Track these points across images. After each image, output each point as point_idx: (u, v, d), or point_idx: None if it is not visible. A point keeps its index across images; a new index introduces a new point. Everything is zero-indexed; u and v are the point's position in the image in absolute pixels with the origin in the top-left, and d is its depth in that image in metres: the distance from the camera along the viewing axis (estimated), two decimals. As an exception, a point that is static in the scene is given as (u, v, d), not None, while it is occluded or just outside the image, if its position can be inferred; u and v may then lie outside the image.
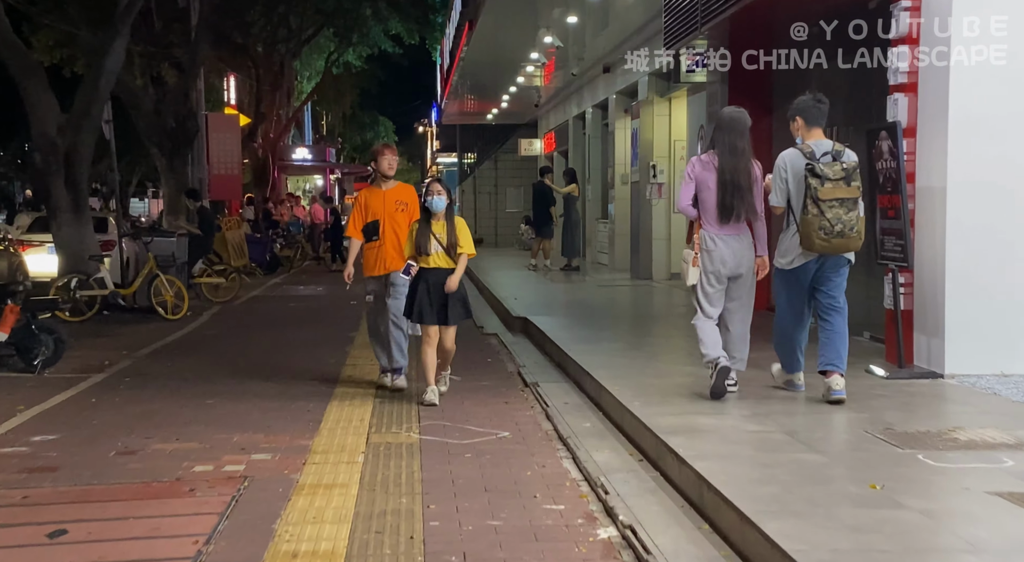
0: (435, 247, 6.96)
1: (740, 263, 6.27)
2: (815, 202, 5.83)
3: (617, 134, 18.43)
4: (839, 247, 5.95)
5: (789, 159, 6.13)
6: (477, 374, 8.59)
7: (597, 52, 18.31)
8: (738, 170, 6.18)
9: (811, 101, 6.21)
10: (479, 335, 11.26)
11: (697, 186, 6.28)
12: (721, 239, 6.23)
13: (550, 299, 13.73)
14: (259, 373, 8.70)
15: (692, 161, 6.48)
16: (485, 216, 31.68)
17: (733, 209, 6.16)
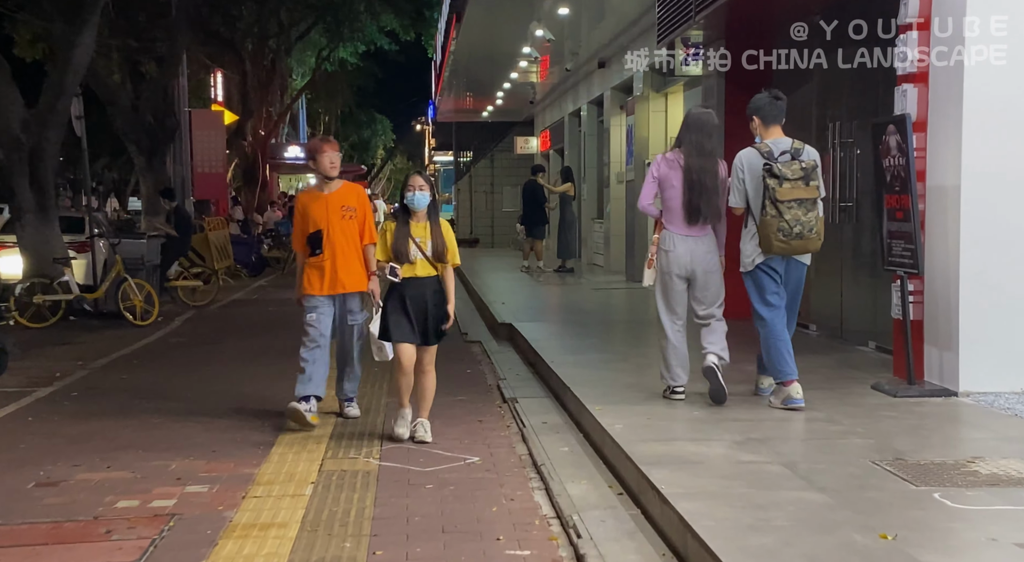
0: (415, 253, 5.82)
1: (699, 264, 6.14)
2: (773, 203, 5.73)
3: (613, 131, 17.82)
4: (798, 249, 5.86)
5: (746, 159, 6.00)
6: (454, 387, 7.97)
7: (592, 46, 17.69)
8: (705, 170, 6.07)
9: (768, 98, 6.09)
10: (462, 343, 10.65)
11: (661, 185, 6.19)
12: (683, 240, 6.12)
13: (540, 303, 13.13)
14: (219, 387, 8.10)
15: (657, 159, 6.34)
16: (481, 216, 31.10)
17: (700, 210, 6.05)
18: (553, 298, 13.93)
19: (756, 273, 6.04)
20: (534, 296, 14.13)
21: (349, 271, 6.50)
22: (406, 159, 71.61)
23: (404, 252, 5.82)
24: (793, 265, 6.05)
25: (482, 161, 31.31)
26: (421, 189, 5.82)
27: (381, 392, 7.74)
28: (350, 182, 6.94)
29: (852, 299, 8.83)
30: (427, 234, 5.86)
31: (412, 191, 5.83)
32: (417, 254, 5.84)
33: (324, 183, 6.56)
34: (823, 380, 6.95)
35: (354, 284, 6.54)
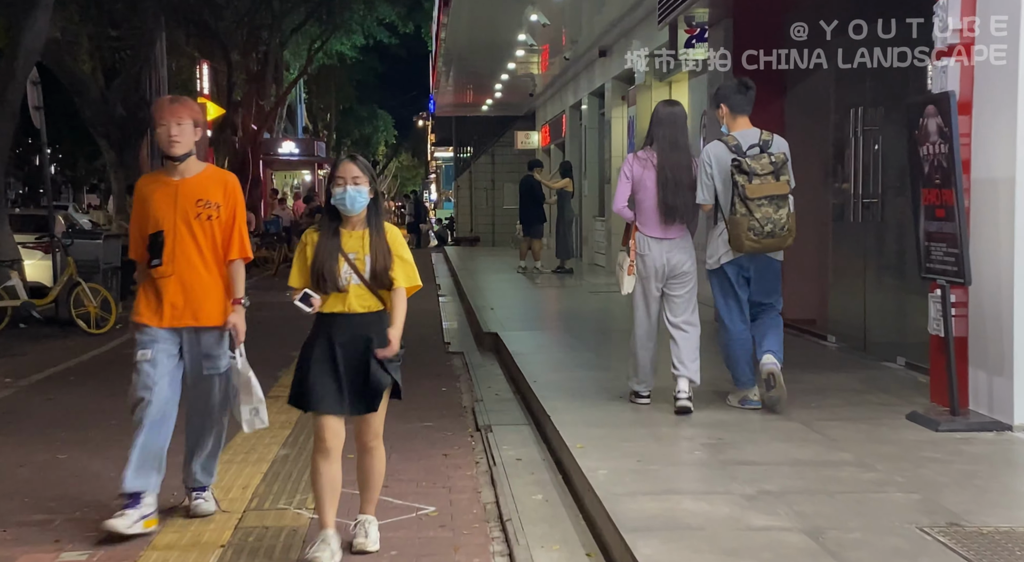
0: (348, 276, 3.96)
1: (676, 266, 5.84)
2: (743, 201, 5.47)
3: (614, 124, 16.80)
4: (770, 247, 5.59)
5: (714, 153, 5.71)
6: (423, 409, 6.97)
7: (592, 34, 16.67)
8: (679, 167, 5.79)
9: (737, 86, 5.85)
10: (442, 354, 9.65)
11: (634, 186, 5.86)
12: (658, 243, 5.82)
13: (532, 309, 12.12)
14: (156, 409, 7.09)
15: (628, 159, 6.01)
16: (482, 213, 30.13)
17: (675, 209, 5.77)
18: (547, 303, 12.92)
19: (722, 272, 5.80)
20: (527, 300, 13.13)
21: (202, 295, 4.49)
22: (410, 156, 70.63)
23: (330, 275, 3.92)
24: (765, 260, 5.74)
25: (482, 157, 30.33)
26: (356, 182, 3.91)
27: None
28: (219, 168, 5.00)
29: (877, 307, 7.80)
30: (365, 248, 3.98)
31: (342, 186, 3.92)
32: (350, 278, 3.95)
33: (172, 165, 4.47)
34: (847, 407, 5.94)
35: (209, 315, 4.51)
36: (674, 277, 5.85)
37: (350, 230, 4.00)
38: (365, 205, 3.98)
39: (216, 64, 23.77)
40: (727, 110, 5.81)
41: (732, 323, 5.86)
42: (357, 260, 3.96)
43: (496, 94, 25.54)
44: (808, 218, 9.53)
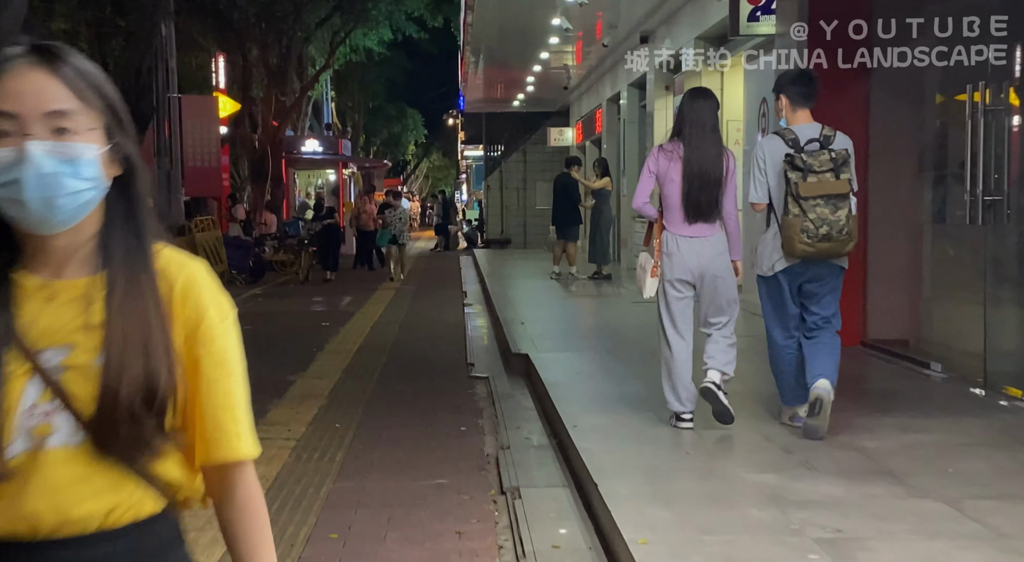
0: (37, 422, 1.30)
1: (707, 267, 5.32)
2: (796, 200, 5.02)
3: (657, 116, 15.32)
4: (825, 252, 5.08)
5: (768, 147, 5.28)
6: (437, 459, 5.61)
7: (632, 18, 15.20)
8: (708, 160, 5.32)
9: (798, 76, 5.47)
10: (464, 378, 8.27)
11: (659, 180, 5.43)
12: (686, 241, 5.35)
13: (567, 324, 10.68)
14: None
15: (653, 151, 5.54)
16: (513, 214, 28.73)
17: (702, 206, 5.31)
18: (584, 316, 11.48)
19: (774, 281, 5.27)
20: (561, 313, 11.69)
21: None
22: (441, 155, 69.41)
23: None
24: (825, 268, 5.16)
25: (514, 155, 28.93)
26: (57, 130, 1.30)
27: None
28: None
29: (1001, 331, 6.30)
30: (92, 329, 1.33)
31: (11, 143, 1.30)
32: (44, 428, 1.30)
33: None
34: (1001, 475, 4.46)
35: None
36: (706, 279, 5.35)
37: (48, 279, 1.37)
38: (92, 201, 1.36)
39: (233, 58, 22.51)
40: (787, 101, 5.31)
41: (779, 337, 5.34)
42: (70, 370, 1.32)
43: (528, 88, 24.12)
44: (896, 219, 8.06)
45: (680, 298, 5.40)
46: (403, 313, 13.08)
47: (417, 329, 11.45)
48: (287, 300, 15.25)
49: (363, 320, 12.26)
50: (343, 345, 10.13)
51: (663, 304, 5.45)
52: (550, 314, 11.44)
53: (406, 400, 7.35)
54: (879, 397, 6.40)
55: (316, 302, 14.78)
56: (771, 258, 5.23)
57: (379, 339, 10.59)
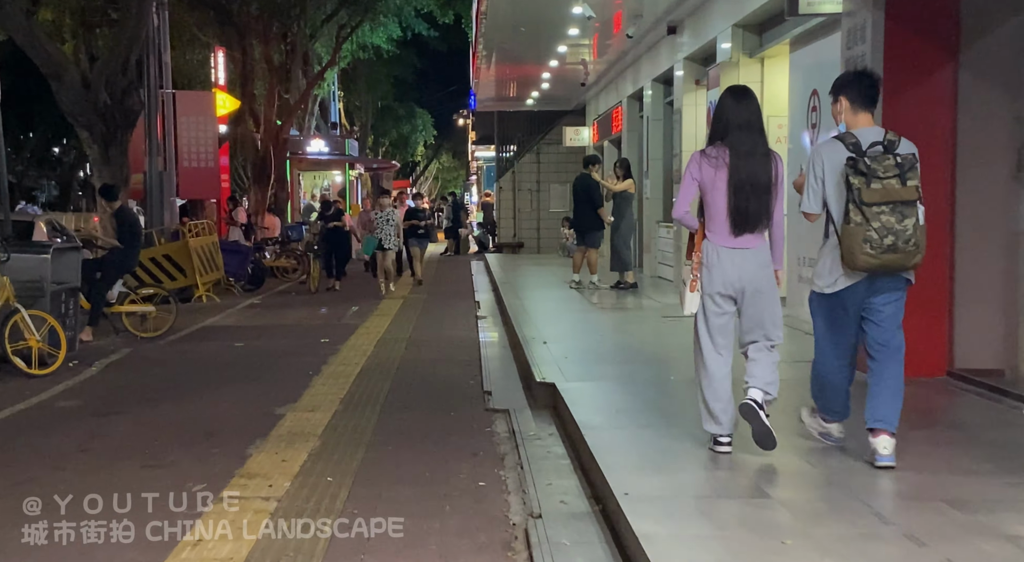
0: None
1: (750, 281, 4.98)
2: (858, 207, 4.60)
3: (686, 112, 14.16)
4: (891, 264, 4.64)
5: (827, 151, 4.88)
6: (449, 532, 4.50)
7: (659, 6, 14.03)
8: (757, 166, 4.93)
9: (859, 76, 5.02)
10: (480, 412, 7.12)
11: (702, 188, 5.06)
12: (727, 253, 4.98)
13: (595, 343, 9.51)
14: (61, 498, 4.65)
15: (695, 157, 5.14)
16: (526, 217, 27.61)
17: (749, 216, 4.93)
18: (613, 333, 10.30)
19: (834, 299, 4.91)
20: (587, 329, 10.52)
21: None
22: (451, 156, 68.21)
23: None
24: (889, 281, 4.79)
25: (527, 155, 27.78)
26: None
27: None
28: None
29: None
30: None
31: None
32: None
33: None
34: None
35: None
36: (748, 293, 5.00)
37: None
38: None
39: (234, 52, 21.41)
40: (847, 104, 4.93)
41: (831, 358, 5.00)
42: None
43: (543, 85, 22.97)
44: (989, 228, 6.85)
45: (720, 313, 5.05)
46: (410, 327, 11.95)
47: (426, 347, 10.30)
48: (286, 311, 14.12)
49: (366, 336, 11.12)
50: (343, 367, 8.99)
51: (701, 319, 5.10)
52: (574, 331, 10.30)
53: (413, 442, 6.20)
54: (966, 438, 5.32)
55: (317, 314, 13.65)
56: (832, 273, 4.85)
57: (383, 359, 9.45)
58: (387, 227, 16.29)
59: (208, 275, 15.51)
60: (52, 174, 52.33)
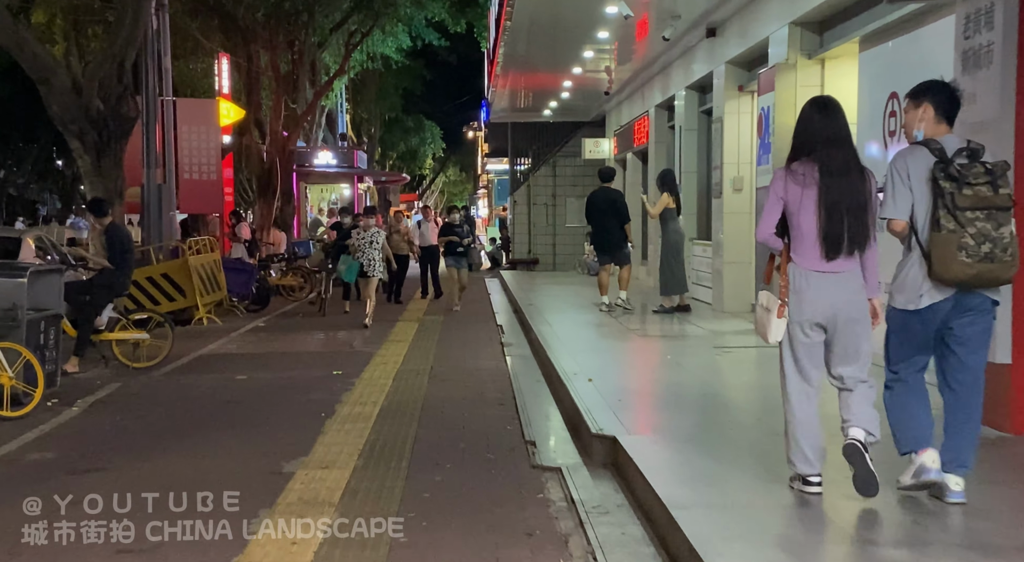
0: None
1: (842, 310, 4.58)
2: (951, 213, 4.31)
3: (728, 121, 13.07)
4: (986, 276, 4.32)
5: (911, 158, 4.50)
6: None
7: (698, 7, 12.95)
8: (850, 184, 4.56)
9: (948, 86, 4.68)
10: (526, 469, 5.98)
11: (787, 207, 4.66)
12: (816, 278, 4.60)
13: (649, 380, 8.36)
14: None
15: (779, 174, 4.70)
16: (541, 232, 26.54)
17: (843, 239, 4.55)
18: (665, 367, 9.12)
19: (917, 317, 4.48)
20: (633, 362, 9.39)
21: None
22: (458, 170, 67.20)
23: None
24: (976, 299, 4.40)
25: (542, 168, 26.70)
26: None
27: None
28: None
29: None
30: None
31: None
32: None
33: None
34: None
35: None
36: (840, 323, 4.64)
37: None
38: None
39: (239, 60, 20.35)
40: (932, 111, 4.61)
41: (907, 378, 4.62)
42: None
43: (562, 95, 21.91)
44: None
45: (808, 344, 4.69)
46: (430, 356, 10.82)
47: (451, 381, 9.17)
48: (293, 335, 12.99)
49: (383, 367, 10.00)
50: (360, 407, 7.87)
51: (787, 350, 4.74)
52: (618, 364, 9.18)
53: (452, 516, 5.05)
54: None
55: (327, 339, 12.51)
56: (918, 288, 4.48)
57: (405, 397, 8.33)
58: (369, 251, 13.94)
59: (209, 296, 14.41)
60: (54, 187, 51.39)
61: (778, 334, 4.73)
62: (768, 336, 4.76)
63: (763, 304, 4.81)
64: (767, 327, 4.74)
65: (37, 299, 8.08)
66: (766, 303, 4.79)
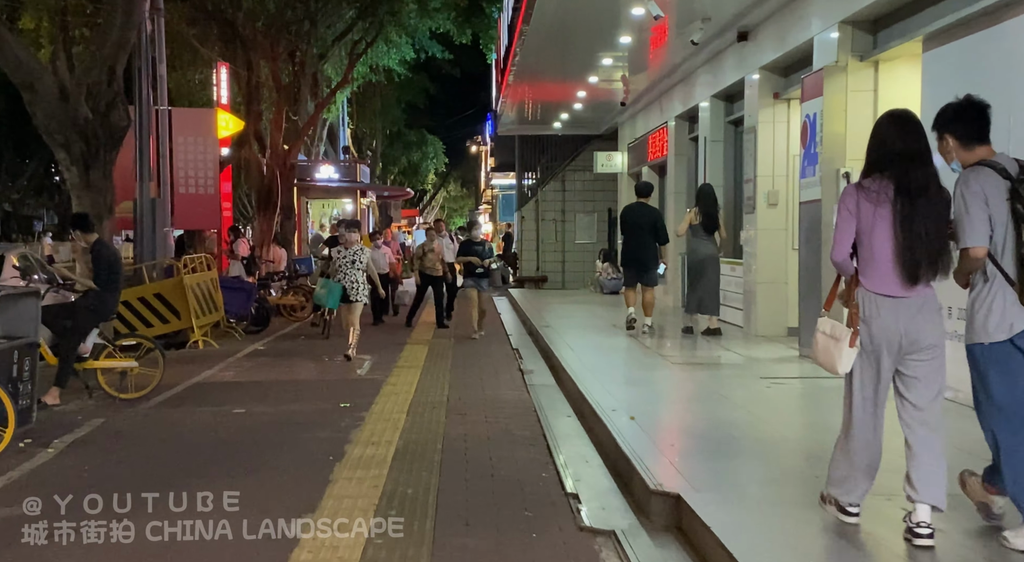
0: None
1: (920, 337, 4.24)
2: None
3: (762, 130, 12.21)
4: None
5: (984, 181, 4.14)
6: None
7: (727, 8, 12.12)
8: (931, 205, 4.23)
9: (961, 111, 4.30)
10: (572, 531, 5.07)
11: (859, 227, 4.34)
12: (891, 305, 4.26)
13: (701, 420, 7.40)
14: None
15: (850, 190, 4.37)
16: (550, 249, 25.71)
17: (921, 264, 4.22)
18: (714, 402, 8.13)
19: (1004, 348, 4.14)
20: (678, 396, 8.47)
21: None
22: (459, 186, 66.41)
23: None
24: None
25: (551, 183, 25.87)
26: None
27: None
28: None
29: None
30: None
31: None
32: None
33: None
34: None
35: None
36: (913, 352, 4.26)
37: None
38: None
39: (238, 69, 19.51)
40: (955, 142, 4.26)
41: (1016, 418, 4.10)
42: None
43: (574, 106, 21.10)
44: None
45: (876, 374, 4.38)
46: (445, 384, 9.92)
47: (471, 416, 8.25)
48: (295, 360, 12.07)
49: (395, 397, 9.10)
50: (372, 449, 6.95)
51: (857, 379, 4.42)
52: (661, 398, 8.27)
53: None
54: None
55: (333, 364, 11.57)
56: (1005, 315, 4.14)
57: (422, 435, 7.42)
58: (352, 271, 11.96)
59: (205, 317, 13.51)
60: (50, 203, 50.43)
61: (848, 364, 4.39)
62: (837, 367, 4.41)
63: (827, 332, 4.45)
64: (835, 357, 4.39)
65: (9, 326, 7.19)
66: (830, 331, 4.44)
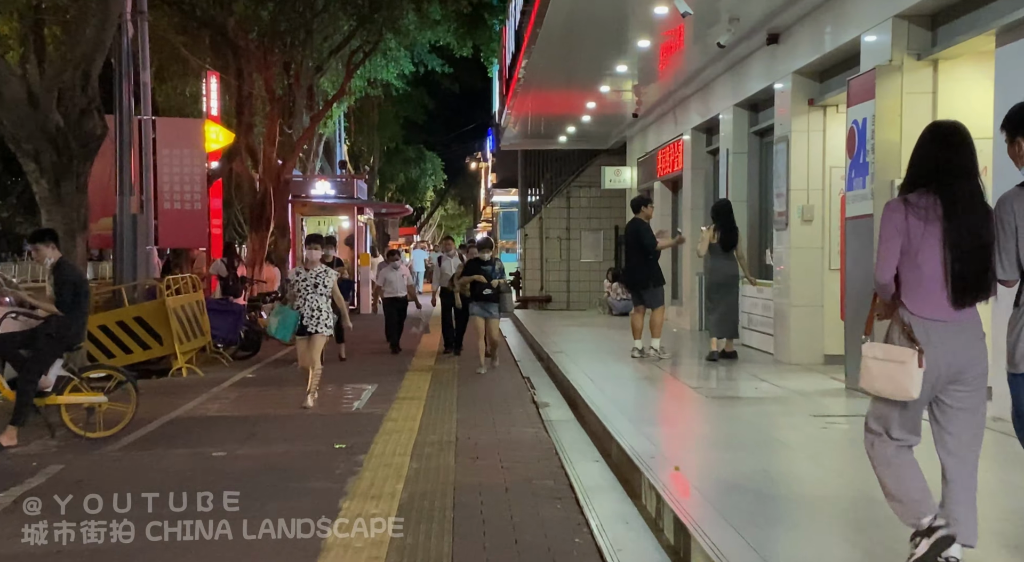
0: None
1: (966, 364, 3.95)
2: None
3: (795, 140, 11.23)
4: None
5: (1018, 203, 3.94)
6: None
7: (755, 11, 11.18)
8: (979, 223, 3.97)
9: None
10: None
11: (904, 246, 4.02)
12: (940, 329, 3.94)
13: (758, 471, 6.33)
14: None
15: (893, 205, 4.05)
16: (554, 268, 24.72)
17: (970, 286, 3.94)
18: (767, 448, 7.08)
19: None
20: (721, 439, 7.41)
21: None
22: (456, 203, 65.52)
23: None
24: None
25: (555, 199, 24.90)
26: None
27: None
28: None
29: None
30: None
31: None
32: None
33: None
34: None
35: None
36: (958, 380, 3.97)
37: None
38: None
39: (229, 78, 18.55)
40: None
41: None
42: None
43: (583, 119, 20.17)
44: None
45: (917, 406, 3.97)
46: (453, 420, 8.90)
47: (485, 459, 7.23)
48: (286, 391, 11.01)
49: (397, 435, 8.09)
50: (372, 504, 5.93)
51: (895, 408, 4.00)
52: (702, 440, 7.23)
53: None
54: None
55: (325, 395, 10.52)
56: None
57: (430, 486, 6.39)
58: (313, 297, 9.74)
59: (190, 342, 12.50)
60: (40, 221, 49.64)
61: (917, 388, 3.91)
62: (912, 391, 3.93)
63: (880, 357, 3.96)
64: (905, 381, 3.91)
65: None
66: (883, 355, 3.96)
